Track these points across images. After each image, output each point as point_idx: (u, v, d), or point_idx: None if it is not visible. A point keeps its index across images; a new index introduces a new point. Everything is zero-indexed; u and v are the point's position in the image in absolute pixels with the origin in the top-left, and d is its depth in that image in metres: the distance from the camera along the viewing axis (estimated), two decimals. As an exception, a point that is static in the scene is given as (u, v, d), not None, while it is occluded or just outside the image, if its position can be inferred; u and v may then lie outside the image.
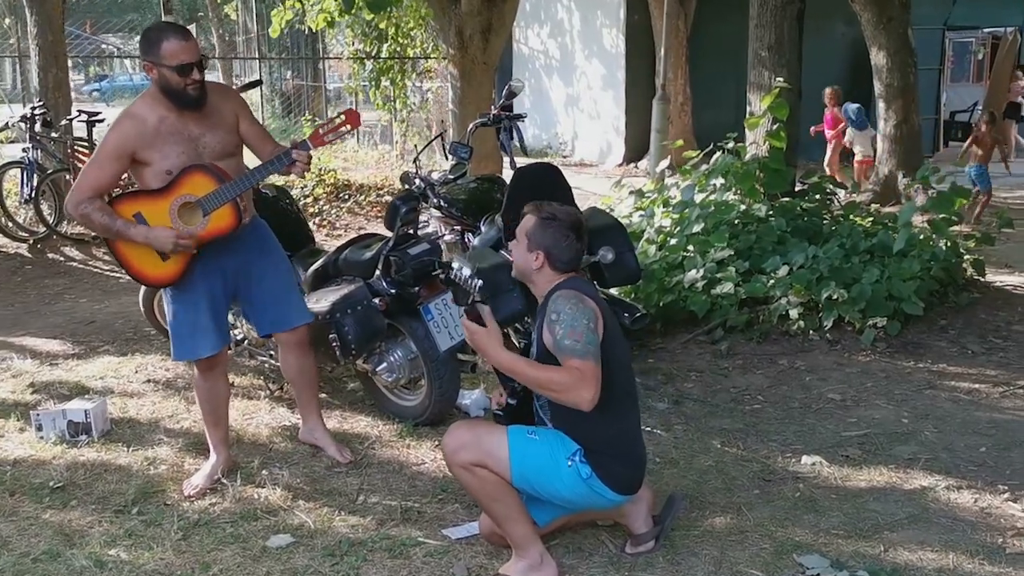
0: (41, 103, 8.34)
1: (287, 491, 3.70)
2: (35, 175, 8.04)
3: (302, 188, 9.81)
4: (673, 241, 6.11)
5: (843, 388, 4.78)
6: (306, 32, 10.49)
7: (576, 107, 15.60)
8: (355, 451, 4.05)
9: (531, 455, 2.95)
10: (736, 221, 6.18)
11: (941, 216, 6.27)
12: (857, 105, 10.80)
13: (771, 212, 6.26)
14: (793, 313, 5.44)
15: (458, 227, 5.44)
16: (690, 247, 6.02)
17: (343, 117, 3.58)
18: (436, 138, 5.84)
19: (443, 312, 4.11)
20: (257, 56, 21.74)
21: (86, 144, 8.58)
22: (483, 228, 5.08)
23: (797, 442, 4.16)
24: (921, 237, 6.10)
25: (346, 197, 9.69)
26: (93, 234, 6.96)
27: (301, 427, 4.09)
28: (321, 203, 9.58)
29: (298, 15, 10.19)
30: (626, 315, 4.61)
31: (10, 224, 8.13)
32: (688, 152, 7.48)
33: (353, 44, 12.47)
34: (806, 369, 5.05)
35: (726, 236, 5.94)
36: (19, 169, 8.21)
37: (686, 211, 6.18)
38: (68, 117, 8.40)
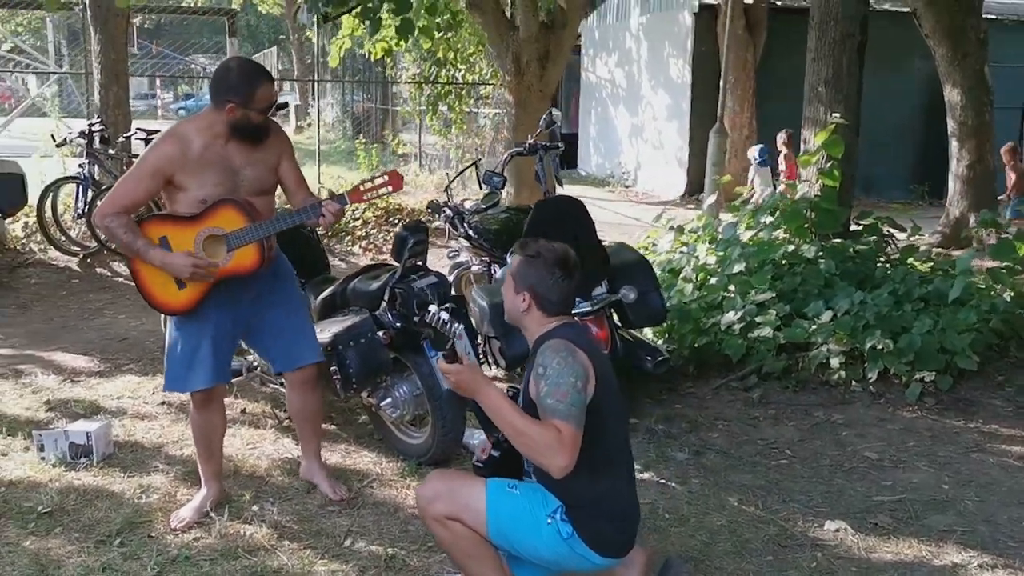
0: (99, 120, 8.48)
1: (273, 529, 3.57)
2: (89, 190, 8.14)
3: (352, 211, 9.79)
4: (713, 280, 5.86)
5: (881, 446, 4.47)
6: (372, 57, 10.50)
7: (640, 137, 15.38)
8: (352, 488, 3.90)
9: (509, 509, 2.76)
10: (783, 262, 5.91)
11: (1004, 265, 5.89)
12: (761, 146, 11.40)
13: (820, 253, 5.96)
14: (834, 362, 5.14)
15: (486, 258, 5.31)
16: (731, 287, 5.76)
17: (385, 178, 3.47)
18: (470, 166, 5.71)
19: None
20: (331, 79, 22.11)
21: (141, 161, 8.68)
22: (509, 260, 4.92)
23: (822, 504, 3.87)
24: (983, 286, 5.75)
25: (395, 221, 9.62)
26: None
27: (302, 464, 3.97)
28: (370, 226, 9.53)
29: (358, 42, 10.22)
30: (648, 358, 4.42)
31: (63, 238, 8.25)
32: (739, 188, 7.24)
33: (412, 69, 12.49)
34: (843, 423, 4.75)
35: (768, 277, 5.67)
36: (75, 184, 8.33)
37: (728, 249, 5.93)
38: (126, 134, 8.50)
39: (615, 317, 4.59)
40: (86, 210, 8.12)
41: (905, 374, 5.05)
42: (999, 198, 10.26)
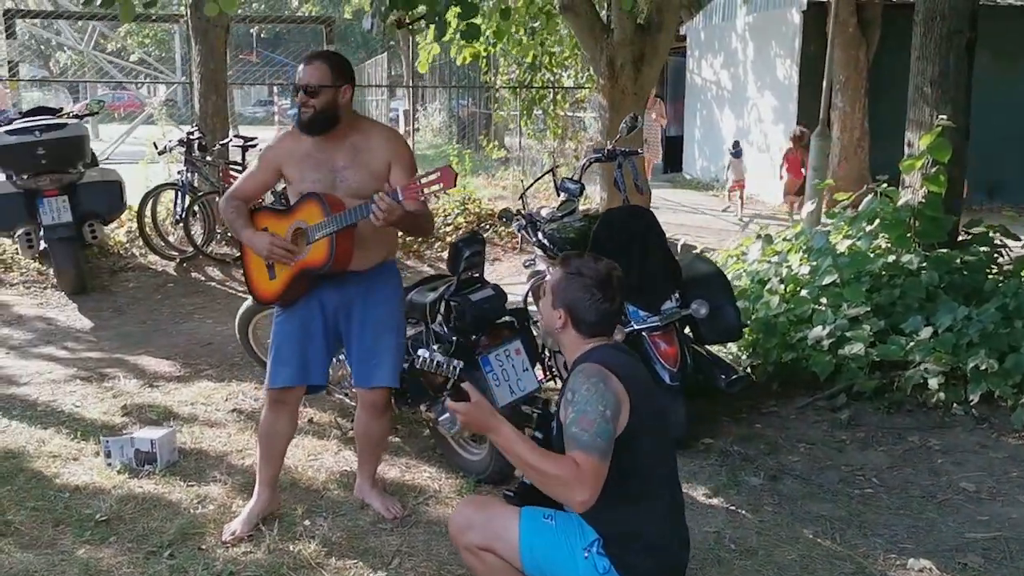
0: (197, 128, 8.67)
1: (322, 546, 3.49)
2: (187, 196, 8.34)
3: (444, 217, 9.77)
4: (804, 292, 5.55)
5: (980, 476, 4.12)
6: (461, 62, 10.48)
7: (745, 140, 14.90)
8: (407, 506, 3.81)
9: (544, 542, 2.60)
10: (882, 273, 5.55)
11: None
12: (735, 140, 12.34)
13: (923, 264, 5.57)
14: (932, 383, 4.78)
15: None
16: (823, 300, 5.44)
17: (439, 174, 3.34)
18: (547, 173, 5.56)
19: (504, 364, 3.81)
20: (438, 84, 22.32)
21: (239, 167, 8.85)
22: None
23: (908, 540, 3.57)
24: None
25: (487, 227, 9.55)
26: (236, 255, 7.17)
27: (356, 482, 3.90)
28: (461, 232, 9.48)
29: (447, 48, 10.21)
30: (722, 376, 4.19)
31: (162, 243, 8.47)
32: (839, 194, 6.86)
33: (506, 73, 12.42)
34: (940, 449, 4.40)
35: (863, 290, 5.33)
36: (174, 190, 8.54)
37: (820, 259, 5.60)
38: (222, 141, 8.67)
39: (688, 332, 4.37)
40: (183, 215, 8.32)
41: (1011, 397, 4.66)
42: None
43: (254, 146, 9.25)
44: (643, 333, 4.14)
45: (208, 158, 8.59)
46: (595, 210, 7.64)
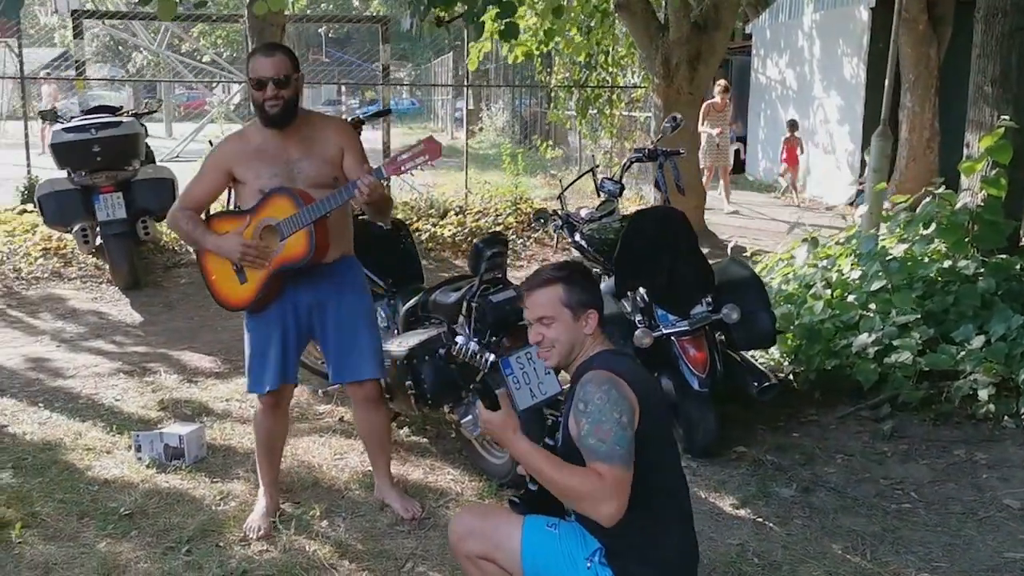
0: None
1: (337, 547, 3.48)
2: (240, 194, 8.42)
3: (495, 216, 9.74)
4: (851, 297, 5.37)
5: (1027, 493, 3.93)
6: (512, 60, 10.44)
7: (810, 141, 14.59)
8: (426, 507, 3.77)
9: (547, 551, 2.54)
10: (937, 279, 5.34)
11: None
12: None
13: (980, 271, 5.35)
14: (983, 394, 4.57)
15: (598, 269, 5.07)
16: (871, 306, 5.26)
17: (422, 146, 3.31)
18: (587, 172, 5.48)
19: (525, 367, 3.70)
20: (497, 84, 22.34)
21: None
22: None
23: (942, 559, 3.42)
24: None
25: (536, 228, 9.49)
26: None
27: (375, 483, 3.87)
28: (510, 232, 9.44)
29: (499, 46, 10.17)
30: (755, 383, 4.06)
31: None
32: (896, 196, 6.64)
33: (561, 72, 12.32)
34: (986, 464, 4.21)
35: (913, 296, 5.13)
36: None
37: (869, 264, 5.41)
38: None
39: (722, 338, 4.25)
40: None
41: (1066, 411, 4.44)
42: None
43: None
44: (672, 338, 4.04)
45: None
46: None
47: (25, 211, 8.96)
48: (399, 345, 3.86)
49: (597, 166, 5.39)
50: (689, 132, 9.72)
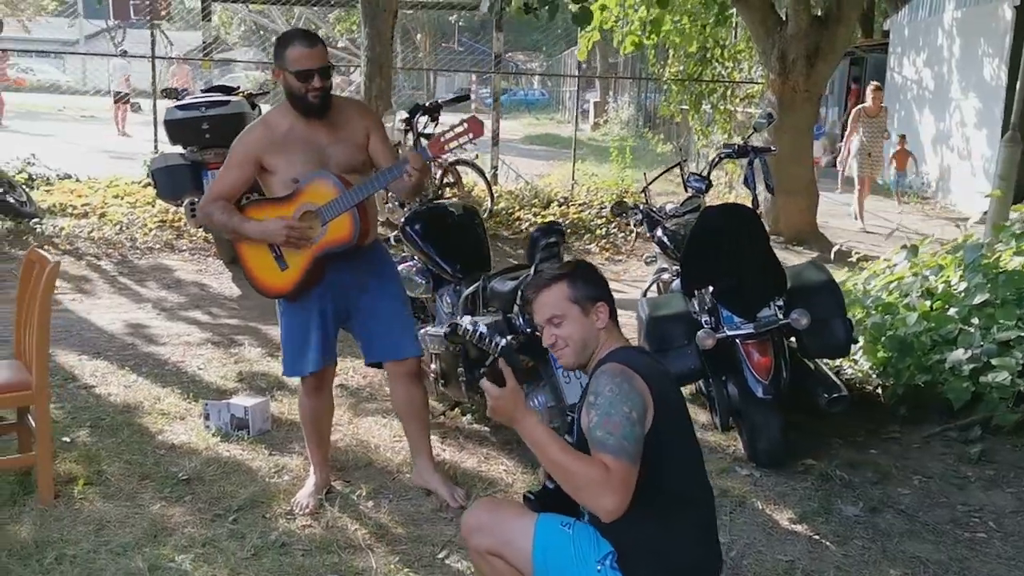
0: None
1: (377, 528, 3.49)
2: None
3: (599, 208, 9.63)
4: (952, 311, 5.05)
5: (1122, 533, 3.61)
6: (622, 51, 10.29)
7: (945, 145, 13.88)
8: (474, 496, 3.74)
9: (558, 550, 2.47)
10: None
11: None
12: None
13: (1100, 291, 4.95)
14: (1085, 422, 4.23)
15: (679, 266, 4.93)
16: (974, 320, 4.93)
17: (465, 125, 3.32)
18: (674, 167, 5.33)
19: (578, 362, 3.66)
20: (613, 75, 22.12)
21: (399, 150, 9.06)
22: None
23: (1011, 595, 3.17)
24: None
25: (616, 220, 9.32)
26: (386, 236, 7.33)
27: (414, 467, 3.87)
28: (612, 224, 9.32)
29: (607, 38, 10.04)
30: (824, 395, 3.87)
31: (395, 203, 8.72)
32: (1017, 206, 6.24)
33: (675, 65, 12.06)
34: (1080, 498, 3.89)
35: (1020, 312, 4.79)
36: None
37: (971, 275, 5.08)
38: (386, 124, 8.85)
39: (791, 344, 4.07)
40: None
41: None
42: None
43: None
44: (736, 340, 3.88)
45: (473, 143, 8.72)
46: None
47: (149, 184, 9.39)
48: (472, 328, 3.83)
49: (685, 160, 5.24)
50: (800, 130, 9.38)
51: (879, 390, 4.95)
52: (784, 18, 9.23)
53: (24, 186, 9.25)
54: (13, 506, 3.53)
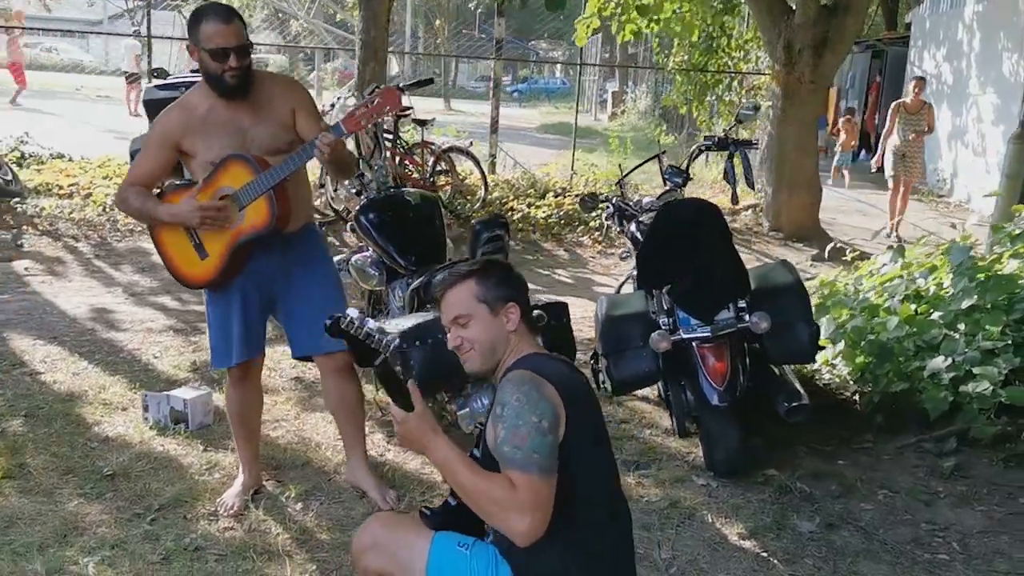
0: (351, 94, 8.73)
1: (301, 533, 3.32)
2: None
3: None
4: (936, 315, 4.80)
5: (1097, 558, 3.37)
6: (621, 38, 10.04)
7: (960, 141, 13.52)
8: (409, 500, 3.56)
9: (453, 573, 2.28)
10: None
11: None
12: None
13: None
14: (1068, 437, 3.99)
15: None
16: (960, 326, 4.68)
17: (381, 97, 3.11)
18: (651, 159, 5.11)
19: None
20: (649, 65, 21.81)
21: (390, 136, 8.88)
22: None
23: (967, 625, 2.95)
24: None
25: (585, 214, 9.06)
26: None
27: (346, 465, 3.68)
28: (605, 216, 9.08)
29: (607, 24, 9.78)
30: (784, 403, 3.65)
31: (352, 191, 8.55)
32: (1017, 207, 5.97)
33: (680, 55, 11.77)
34: (1056, 519, 3.65)
35: (1007, 319, 4.54)
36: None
37: (957, 279, 4.83)
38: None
39: (749, 348, 3.84)
40: (321, 180, 8.41)
41: None
42: None
43: (407, 116, 9.25)
44: (692, 344, 3.67)
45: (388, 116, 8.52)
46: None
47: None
48: (394, 328, 3.65)
49: (664, 152, 5.00)
50: (804, 123, 9.11)
51: (856, 396, 4.72)
52: (791, 7, 8.95)
53: (13, 165, 9.14)
54: (-80, 501, 3.38)
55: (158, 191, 3.32)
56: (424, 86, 7.83)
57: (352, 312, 2.22)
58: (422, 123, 9.25)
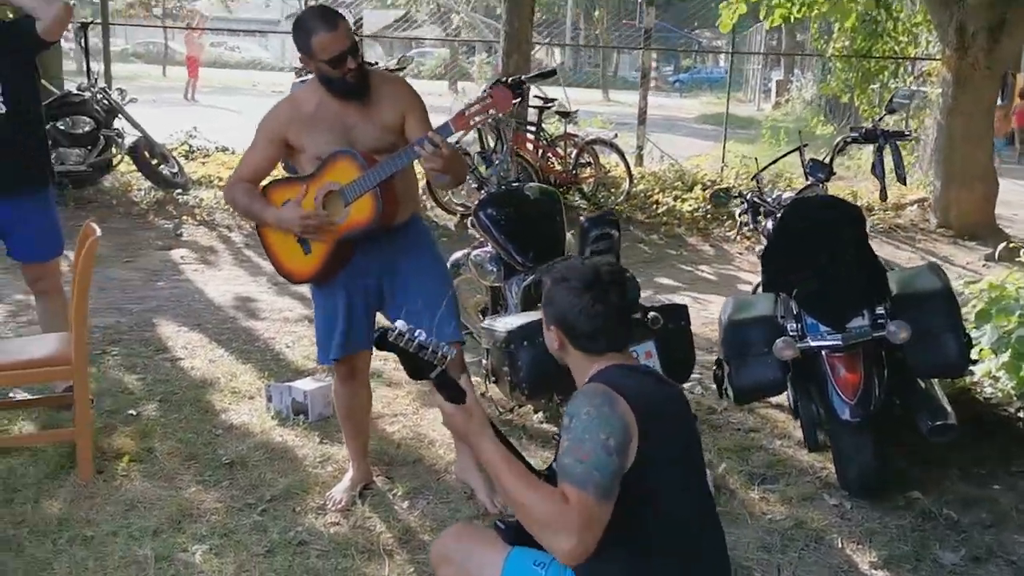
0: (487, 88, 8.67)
1: (404, 532, 3.27)
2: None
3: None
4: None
5: None
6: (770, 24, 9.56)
7: None
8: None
9: (526, 593, 2.15)
10: None
11: None
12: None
13: None
14: None
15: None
16: None
17: (490, 98, 3.02)
18: (792, 151, 4.79)
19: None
20: (804, 52, 20.90)
21: (533, 127, 8.82)
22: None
23: None
24: None
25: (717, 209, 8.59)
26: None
27: (456, 462, 3.61)
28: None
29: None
30: (928, 421, 3.33)
31: (448, 197, 8.62)
32: None
33: (840, 40, 11.09)
34: None
35: None
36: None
37: None
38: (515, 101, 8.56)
39: (893, 358, 3.51)
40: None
41: None
42: None
43: (551, 108, 9.15)
44: (822, 352, 3.39)
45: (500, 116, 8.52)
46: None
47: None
48: (503, 326, 3.55)
49: (805, 144, 4.68)
50: (978, 112, 8.43)
51: (1021, 414, 4.28)
52: (965, -13, 8.29)
53: (180, 158, 9.62)
54: (54, 480, 3.53)
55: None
56: (548, 78, 7.78)
57: (400, 324, 2.12)
58: (565, 115, 9.14)
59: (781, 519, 3.42)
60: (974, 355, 4.49)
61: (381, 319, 3.45)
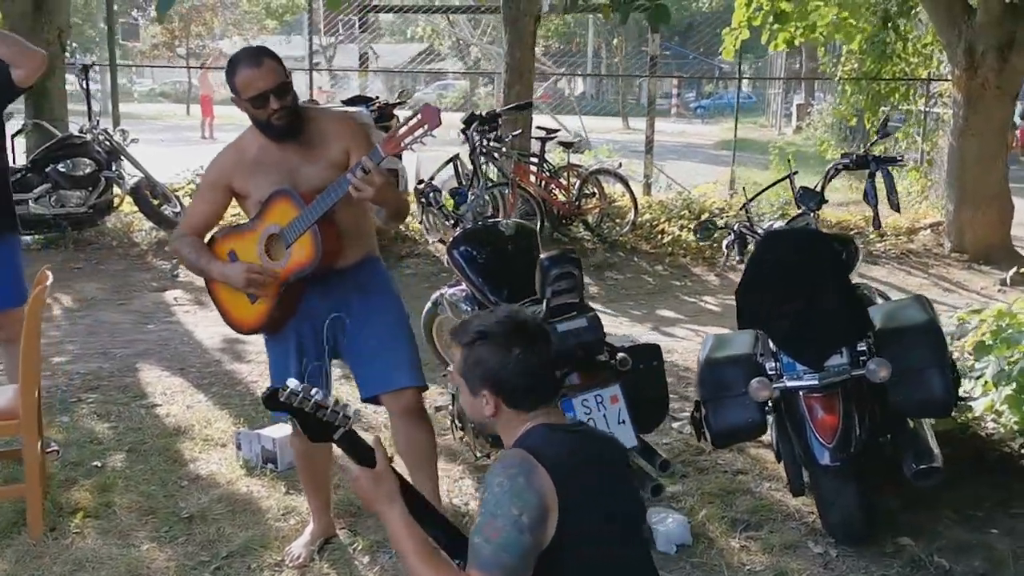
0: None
1: (362, 590, 3.12)
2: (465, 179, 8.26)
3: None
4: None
5: None
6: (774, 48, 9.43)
7: None
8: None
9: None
10: None
11: None
12: None
13: None
14: None
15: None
16: None
17: (419, 116, 2.89)
18: (783, 179, 4.62)
19: (592, 412, 3.13)
20: (812, 76, 20.70)
21: (536, 159, 8.70)
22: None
23: None
24: None
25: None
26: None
27: None
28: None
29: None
30: (913, 464, 3.14)
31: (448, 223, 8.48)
32: None
33: (849, 63, 10.91)
34: None
35: None
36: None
37: None
38: (513, 132, 8.43)
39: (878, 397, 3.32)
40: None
41: None
42: None
43: (553, 139, 9.05)
44: (799, 393, 3.20)
45: (502, 147, 8.39)
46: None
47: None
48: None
49: (795, 172, 4.51)
50: (990, 133, 8.23)
51: (1023, 451, 4.06)
52: (972, 5, 8.12)
53: (186, 197, 9.60)
54: (3, 539, 3.41)
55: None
56: (522, 110, 7.83)
57: (292, 383, 1.98)
58: (568, 145, 9.03)
59: (761, 570, 3.23)
60: (977, 390, 4.30)
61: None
